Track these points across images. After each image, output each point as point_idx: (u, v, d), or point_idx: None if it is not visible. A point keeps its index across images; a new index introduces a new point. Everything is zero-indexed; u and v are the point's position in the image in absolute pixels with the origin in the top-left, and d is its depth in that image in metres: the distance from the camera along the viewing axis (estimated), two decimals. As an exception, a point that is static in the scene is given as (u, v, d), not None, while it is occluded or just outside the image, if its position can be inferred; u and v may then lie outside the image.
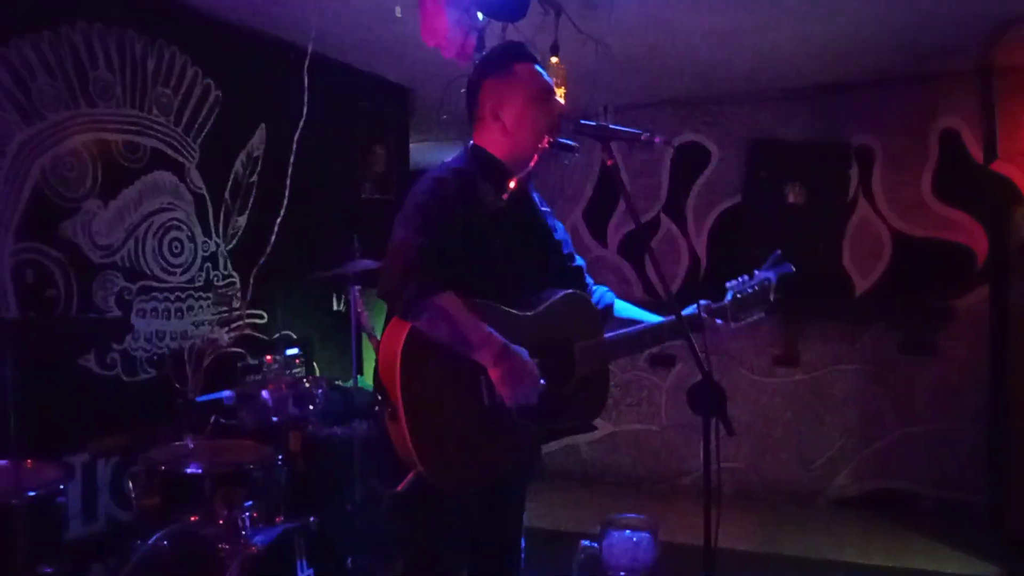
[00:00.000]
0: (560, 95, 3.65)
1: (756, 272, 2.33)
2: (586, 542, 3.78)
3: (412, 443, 1.90)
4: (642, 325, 2.26)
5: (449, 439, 1.96)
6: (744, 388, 5.53)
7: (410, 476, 1.95)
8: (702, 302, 2.27)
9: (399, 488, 1.97)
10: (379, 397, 2.03)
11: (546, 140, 2.15)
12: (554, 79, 3.60)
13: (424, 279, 1.92)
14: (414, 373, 1.93)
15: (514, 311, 2.08)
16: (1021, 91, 4.82)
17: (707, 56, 4.63)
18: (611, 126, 2.08)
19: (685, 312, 2.21)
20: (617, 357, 2.28)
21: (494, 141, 2.20)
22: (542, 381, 2.02)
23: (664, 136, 2.03)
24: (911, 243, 5.19)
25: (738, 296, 2.29)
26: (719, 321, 2.27)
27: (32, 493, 2.44)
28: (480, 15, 3.26)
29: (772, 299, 2.30)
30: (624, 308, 2.42)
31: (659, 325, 2.24)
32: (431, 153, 5.87)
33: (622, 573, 3.63)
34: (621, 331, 2.24)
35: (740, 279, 2.32)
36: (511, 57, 2.24)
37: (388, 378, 1.95)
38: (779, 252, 2.36)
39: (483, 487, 2.07)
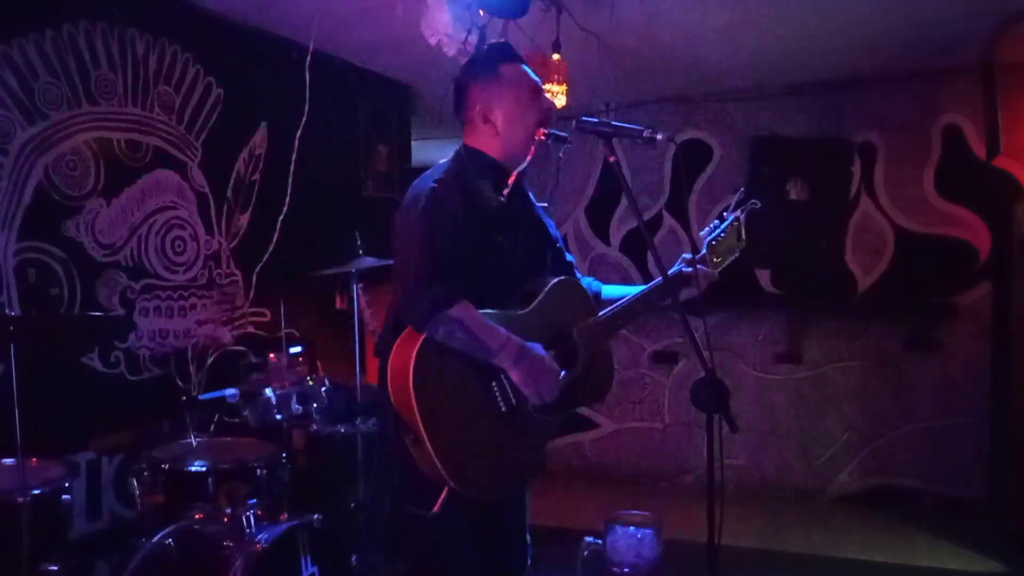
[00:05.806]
0: (562, 92, 3.65)
1: (724, 214, 2.40)
2: (590, 539, 3.78)
3: (441, 464, 1.90)
4: (631, 295, 2.29)
5: (475, 452, 1.97)
6: (747, 385, 5.53)
7: (444, 494, 1.95)
8: (684, 255, 2.34)
9: (435, 509, 1.97)
10: (396, 423, 2.00)
11: (540, 133, 2.17)
12: (556, 76, 3.62)
13: (437, 290, 1.92)
14: (428, 396, 1.92)
15: (513, 311, 2.08)
16: (1023, 87, 4.81)
17: (709, 53, 4.62)
18: (613, 123, 2.09)
19: (670, 272, 2.26)
20: (615, 331, 2.31)
21: (486, 143, 2.20)
22: (563, 373, 2.06)
23: (666, 133, 2.02)
24: (914, 239, 5.19)
25: (713, 243, 2.36)
26: (702, 268, 2.31)
27: (37, 491, 2.45)
28: (481, 12, 3.26)
29: (744, 237, 2.39)
30: (611, 290, 2.44)
31: (647, 289, 2.28)
32: (434, 151, 5.84)
33: (626, 570, 3.63)
34: (613, 306, 2.27)
35: (711, 225, 2.40)
36: (496, 59, 2.24)
37: (403, 404, 1.93)
38: (742, 189, 2.43)
39: (515, 490, 2.08)
